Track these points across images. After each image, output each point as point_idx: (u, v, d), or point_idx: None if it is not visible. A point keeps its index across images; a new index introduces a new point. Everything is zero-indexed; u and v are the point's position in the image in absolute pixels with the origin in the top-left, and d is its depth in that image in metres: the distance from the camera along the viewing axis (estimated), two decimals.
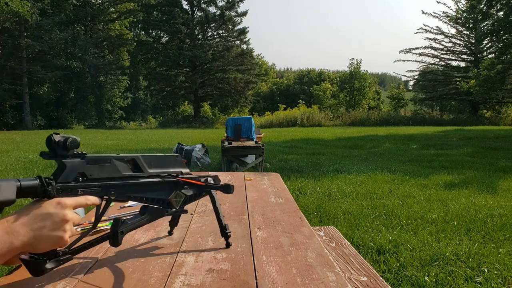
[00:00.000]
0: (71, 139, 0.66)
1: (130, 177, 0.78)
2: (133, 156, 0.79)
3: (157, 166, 0.84)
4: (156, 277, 0.80)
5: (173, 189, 0.88)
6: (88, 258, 0.90)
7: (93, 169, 0.71)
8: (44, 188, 0.63)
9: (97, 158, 0.72)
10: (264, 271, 0.82)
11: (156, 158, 0.84)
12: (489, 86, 16.94)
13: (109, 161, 0.74)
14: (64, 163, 0.67)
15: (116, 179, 0.76)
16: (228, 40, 29.76)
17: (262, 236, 1.05)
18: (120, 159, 0.77)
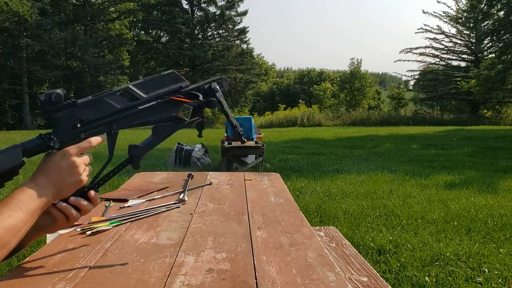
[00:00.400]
0: (54, 94, 0.69)
1: (128, 108, 0.78)
2: (124, 88, 0.78)
3: (153, 89, 0.82)
4: (156, 277, 0.79)
5: (177, 105, 0.85)
6: (88, 258, 0.90)
7: (88, 113, 0.74)
8: (47, 143, 0.70)
9: (89, 102, 0.74)
10: (264, 271, 0.82)
11: (149, 82, 0.82)
12: (489, 86, 16.93)
13: (101, 101, 0.75)
14: (58, 116, 0.71)
15: (114, 114, 0.77)
16: (228, 39, 29.76)
17: (262, 236, 1.05)
18: (113, 94, 0.77)
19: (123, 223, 1.17)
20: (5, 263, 2.53)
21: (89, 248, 0.96)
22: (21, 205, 0.66)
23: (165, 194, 1.52)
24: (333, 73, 51.40)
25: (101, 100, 0.75)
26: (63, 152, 0.72)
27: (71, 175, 0.73)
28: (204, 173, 2.07)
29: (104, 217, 1.23)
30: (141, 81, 0.81)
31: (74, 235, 1.06)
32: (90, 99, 0.74)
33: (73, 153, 0.73)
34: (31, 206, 0.68)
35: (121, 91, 0.78)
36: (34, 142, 0.70)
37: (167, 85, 0.84)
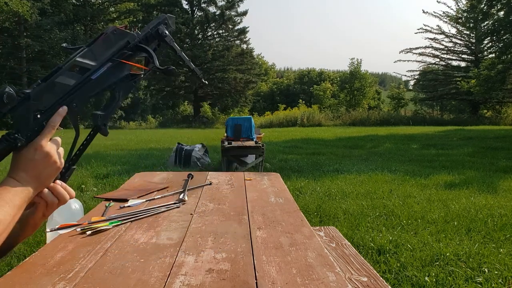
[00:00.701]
0: (5, 95, 0.67)
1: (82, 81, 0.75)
2: (71, 62, 0.75)
3: (101, 54, 0.77)
4: (156, 277, 0.79)
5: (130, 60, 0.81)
6: (88, 258, 0.90)
7: (43, 100, 0.72)
8: (13, 143, 0.69)
9: (41, 89, 0.72)
10: (264, 271, 0.82)
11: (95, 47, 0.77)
12: (489, 86, 16.94)
13: (53, 84, 0.73)
14: (15, 114, 0.69)
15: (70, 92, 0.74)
16: (228, 39, 29.76)
17: (262, 236, 1.05)
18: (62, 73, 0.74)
19: (123, 223, 1.17)
20: (5, 263, 2.54)
21: (89, 248, 0.96)
22: (7, 200, 0.68)
23: (165, 194, 1.52)
24: (333, 73, 51.39)
25: (52, 83, 0.73)
26: (34, 146, 0.72)
27: (47, 165, 0.73)
28: (204, 173, 2.07)
29: (104, 217, 1.23)
30: (86, 49, 0.77)
31: (74, 235, 1.06)
32: (41, 86, 0.72)
33: (43, 144, 0.72)
34: (16, 202, 0.69)
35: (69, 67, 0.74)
36: (0, 145, 0.68)
37: (114, 44, 0.79)
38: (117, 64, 0.79)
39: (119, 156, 8.11)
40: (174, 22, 0.88)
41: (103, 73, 0.78)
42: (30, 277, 0.80)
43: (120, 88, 0.81)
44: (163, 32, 0.84)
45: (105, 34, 0.79)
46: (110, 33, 0.79)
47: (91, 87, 0.77)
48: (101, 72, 0.77)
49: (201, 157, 6.64)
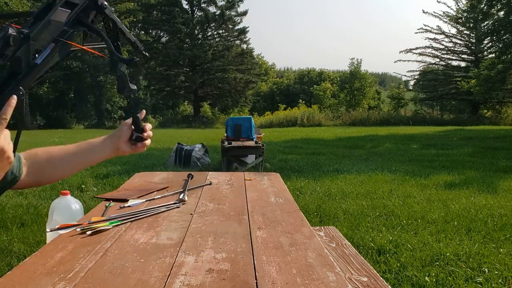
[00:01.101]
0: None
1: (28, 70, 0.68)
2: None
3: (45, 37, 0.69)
4: (156, 277, 0.79)
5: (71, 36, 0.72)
6: (88, 258, 0.90)
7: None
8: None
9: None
10: (264, 271, 0.82)
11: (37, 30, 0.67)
12: (489, 86, 16.94)
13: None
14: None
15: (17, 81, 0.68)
16: (228, 39, 29.75)
17: (262, 236, 1.05)
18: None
19: (123, 223, 1.17)
20: (5, 263, 2.54)
21: (89, 248, 0.96)
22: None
23: (165, 194, 1.52)
24: (333, 73, 51.35)
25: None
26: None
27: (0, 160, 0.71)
28: (204, 173, 2.07)
29: (104, 217, 1.23)
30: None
31: (74, 235, 1.06)
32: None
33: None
34: None
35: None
36: None
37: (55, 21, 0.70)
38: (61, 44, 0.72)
39: (119, 156, 8.10)
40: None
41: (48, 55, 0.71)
42: (30, 277, 0.80)
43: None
44: (103, 3, 0.77)
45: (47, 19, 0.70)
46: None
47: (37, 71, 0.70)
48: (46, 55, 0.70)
49: (201, 157, 6.64)
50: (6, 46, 0.61)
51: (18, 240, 2.92)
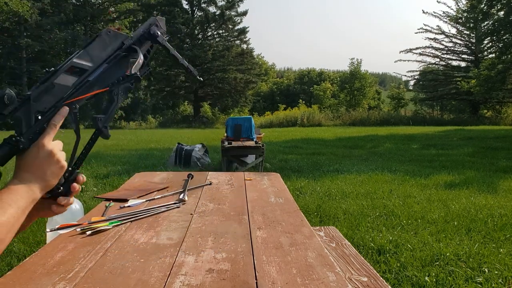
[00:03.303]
0: (6, 96, 0.66)
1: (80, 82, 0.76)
2: (69, 64, 0.76)
3: (97, 55, 0.79)
4: (156, 277, 0.79)
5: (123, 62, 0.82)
6: (88, 258, 0.90)
7: (44, 102, 0.72)
8: (16, 146, 0.69)
9: (40, 91, 0.72)
10: (264, 271, 0.82)
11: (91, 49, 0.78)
12: (489, 86, 16.94)
13: (53, 85, 0.73)
14: (16, 116, 0.69)
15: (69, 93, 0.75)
16: (228, 39, 29.74)
17: (262, 236, 1.05)
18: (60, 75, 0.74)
19: (123, 223, 1.17)
20: (5, 263, 2.54)
21: (89, 248, 0.96)
22: (10, 202, 0.67)
23: (165, 194, 1.52)
24: (333, 73, 51.36)
25: (51, 84, 0.73)
26: (37, 145, 0.72)
27: (51, 164, 0.73)
28: (204, 173, 2.07)
29: (104, 217, 1.23)
30: (82, 51, 0.78)
31: (74, 235, 1.06)
32: (41, 88, 0.72)
33: (46, 142, 0.72)
34: (21, 203, 0.68)
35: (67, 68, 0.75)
36: (3, 150, 0.68)
37: (109, 45, 0.81)
38: (113, 65, 0.80)
39: (119, 156, 8.11)
40: (165, 24, 0.90)
41: (100, 74, 0.79)
42: (30, 277, 0.80)
43: (118, 90, 0.82)
44: (155, 32, 0.85)
45: (99, 36, 0.80)
46: (104, 35, 0.80)
47: (90, 88, 0.77)
48: (98, 73, 0.78)
49: (201, 157, 6.64)
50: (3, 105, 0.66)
51: (18, 240, 2.92)
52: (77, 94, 0.76)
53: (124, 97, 0.83)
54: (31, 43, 24.68)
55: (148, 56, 0.86)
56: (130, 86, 0.84)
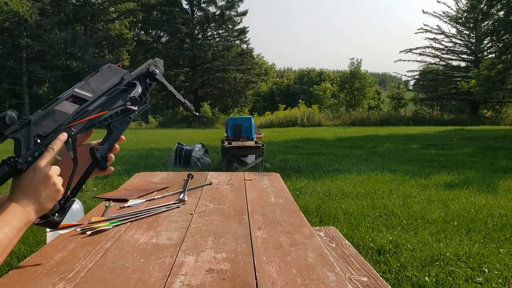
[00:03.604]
0: (7, 116, 0.69)
1: (80, 111, 0.80)
2: (70, 93, 0.79)
3: (97, 87, 0.83)
4: (156, 277, 0.79)
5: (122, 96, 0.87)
6: (88, 258, 0.90)
7: (44, 126, 0.75)
8: (15, 167, 0.70)
9: (41, 115, 0.75)
10: (264, 271, 0.82)
11: (92, 80, 0.83)
12: (489, 86, 16.95)
13: (53, 111, 0.76)
14: (16, 137, 0.71)
15: (69, 120, 0.78)
16: (228, 39, 29.74)
17: (262, 236, 1.05)
18: (61, 102, 0.78)
19: (123, 223, 1.17)
20: (5, 263, 2.53)
21: (89, 248, 0.96)
22: (6, 222, 0.67)
23: (165, 194, 1.52)
24: (333, 73, 51.34)
25: (52, 111, 0.76)
26: (33, 167, 0.72)
27: (47, 186, 0.73)
28: (204, 173, 2.07)
29: (104, 217, 1.23)
30: (83, 82, 0.82)
31: (74, 235, 1.06)
32: (42, 113, 0.75)
33: (42, 165, 0.73)
34: (15, 224, 0.68)
35: (68, 97, 0.79)
36: (2, 170, 0.69)
37: (109, 78, 0.85)
38: (112, 97, 0.84)
39: (119, 156, 8.11)
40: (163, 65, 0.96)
41: (99, 105, 0.83)
42: (30, 277, 0.80)
43: (116, 123, 0.86)
44: (154, 70, 0.92)
45: (100, 70, 0.85)
46: (105, 69, 0.85)
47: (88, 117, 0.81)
48: (98, 103, 0.82)
49: (201, 157, 6.64)
50: (4, 125, 0.68)
51: (18, 240, 2.91)
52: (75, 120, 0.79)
53: (122, 130, 0.87)
54: (31, 43, 24.68)
55: (146, 93, 0.91)
56: (128, 120, 0.88)
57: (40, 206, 0.73)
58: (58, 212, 0.80)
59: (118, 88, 0.85)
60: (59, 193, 0.76)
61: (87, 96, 0.81)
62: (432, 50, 27.63)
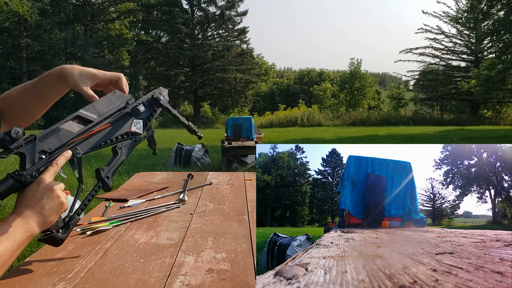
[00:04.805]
0: (13, 131, 0.71)
1: (84, 131, 0.83)
2: (76, 114, 0.82)
3: (103, 110, 0.87)
4: (156, 277, 0.79)
5: (127, 120, 0.90)
6: (88, 258, 0.90)
7: (49, 143, 0.77)
8: (19, 180, 0.72)
9: (47, 133, 0.78)
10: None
11: (98, 104, 0.86)
12: (489, 86, 16.95)
13: (58, 129, 0.79)
14: (22, 152, 0.73)
15: (73, 140, 0.81)
16: (228, 39, 29.73)
17: None
18: (67, 122, 0.81)
19: (123, 223, 1.17)
20: None
21: (89, 248, 0.96)
22: (7, 234, 0.67)
23: (165, 194, 1.52)
24: (333, 73, 51.37)
25: (57, 129, 0.79)
26: (37, 181, 0.73)
27: (51, 199, 0.74)
28: (204, 173, 2.07)
29: (104, 217, 1.23)
30: (89, 105, 0.86)
31: (74, 235, 1.06)
32: (47, 130, 0.78)
33: (46, 178, 0.74)
34: (17, 237, 0.68)
35: (73, 118, 0.82)
36: (6, 184, 0.71)
37: (114, 103, 0.89)
38: (116, 120, 0.88)
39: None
40: (167, 94, 1.00)
41: (102, 127, 0.86)
42: (30, 277, 0.80)
43: (121, 144, 0.90)
44: (158, 96, 0.96)
45: (106, 95, 0.89)
46: (111, 94, 0.89)
47: (89, 139, 0.84)
48: (102, 125, 0.86)
49: (201, 157, 6.64)
50: (10, 139, 0.71)
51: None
52: (81, 141, 0.82)
53: (127, 153, 0.91)
54: (31, 43, 24.68)
55: (151, 119, 0.95)
56: (134, 143, 0.92)
57: (43, 219, 0.73)
58: (62, 228, 0.81)
59: (123, 111, 0.89)
60: (63, 206, 0.76)
61: (92, 117, 0.84)
62: (432, 50, 27.68)
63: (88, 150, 0.84)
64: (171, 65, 28.36)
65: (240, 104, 31.90)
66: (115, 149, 0.90)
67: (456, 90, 25.82)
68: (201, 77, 28.13)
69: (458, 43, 27.02)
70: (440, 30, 27.05)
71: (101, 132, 0.85)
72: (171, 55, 27.08)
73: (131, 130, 0.90)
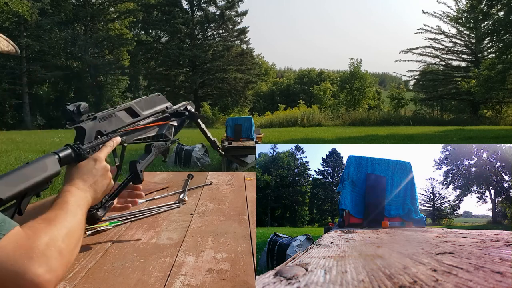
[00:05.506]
0: (82, 105, 0.76)
1: (132, 123, 0.89)
2: (128, 105, 0.89)
3: (148, 107, 0.95)
4: (156, 277, 0.79)
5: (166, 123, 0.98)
6: (88, 258, 0.90)
7: (105, 125, 0.82)
8: (78, 153, 0.74)
9: (105, 115, 0.83)
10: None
11: (144, 101, 0.94)
12: (489, 86, 16.96)
13: (114, 115, 0.85)
14: (83, 127, 0.77)
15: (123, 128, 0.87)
16: (228, 40, 29.74)
17: None
18: (120, 110, 0.87)
19: (123, 223, 1.17)
20: None
21: (89, 248, 0.96)
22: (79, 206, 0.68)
23: (165, 194, 1.52)
24: (333, 73, 51.39)
25: (113, 114, 0.84)
26: (94, 158, 0.76)
27: (104, 178, 0.76)
28: (204, 173, 2.07)
29: (104, 217, 1.23)
30: (138, 100, 0.92)
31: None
32: (105, 113, 0.82)
33: (102, 157, 0.77)
34: (84, 208, 0.70)
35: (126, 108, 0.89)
36: (66, 152, 0.73)
37: (158, 104, 0.98)
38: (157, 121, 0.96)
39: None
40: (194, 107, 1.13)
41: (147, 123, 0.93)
42: None
43: (155, 145, 0.96)
44: (194, 113, 1.10)
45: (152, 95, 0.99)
46: (155, 96, 1.00)
47: (137, 131, 0.90)
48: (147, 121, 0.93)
49: (201, 157, 6.64)
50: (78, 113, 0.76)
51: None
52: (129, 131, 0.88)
53: (157, 153, 0.97)
54: (31, 43, 24.70)
55: (180, 127, 1.05)
56: (164, 146, 0.98)
57: (95, 196, 0.75)
58: (100, 209, 0.84)
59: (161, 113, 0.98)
60: (110, 186, 0.79)
61: (139, 112, 0.91)
62: (432, 50, 27.67)
63: (131, 142, 0.88)
64: (171, 65, 28.36)
65: (240, 104, 31.91)
66: (150, 147, 0.94)
67: (456, 90, 25.82)
68: (201, 77, 28.14)
69: (458, 43, 27.02)
70: (440, 30, 27.06)
71: (145, 129, 0.91)
72: (171, 55, 27.08)
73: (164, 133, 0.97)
